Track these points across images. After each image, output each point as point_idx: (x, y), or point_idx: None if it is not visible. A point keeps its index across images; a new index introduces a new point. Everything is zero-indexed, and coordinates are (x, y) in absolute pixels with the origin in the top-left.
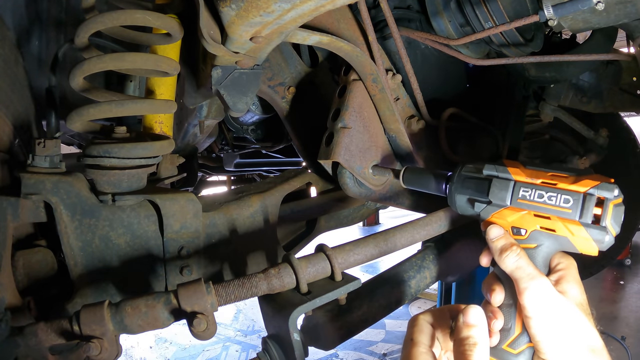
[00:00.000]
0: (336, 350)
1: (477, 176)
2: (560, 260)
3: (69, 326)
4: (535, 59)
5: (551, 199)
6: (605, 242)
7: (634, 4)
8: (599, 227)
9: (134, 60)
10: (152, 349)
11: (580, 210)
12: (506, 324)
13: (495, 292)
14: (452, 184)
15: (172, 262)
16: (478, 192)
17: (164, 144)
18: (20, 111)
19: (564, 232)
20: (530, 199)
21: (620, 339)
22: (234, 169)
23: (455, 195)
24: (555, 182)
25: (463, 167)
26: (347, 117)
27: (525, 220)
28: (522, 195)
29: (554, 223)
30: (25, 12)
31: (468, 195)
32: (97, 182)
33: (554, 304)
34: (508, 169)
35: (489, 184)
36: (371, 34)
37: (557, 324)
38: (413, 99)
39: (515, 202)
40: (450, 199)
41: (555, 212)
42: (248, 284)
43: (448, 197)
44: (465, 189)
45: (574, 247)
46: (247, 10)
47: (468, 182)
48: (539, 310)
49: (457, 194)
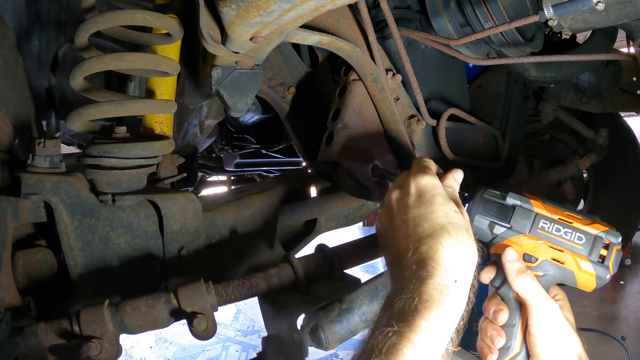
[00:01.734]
0: (336, 350)
1: (500, 202)
2: (557, 292)
3: (69, 326)
4: (535, 59)
5: (567, 234)
6: (604, 280)
7: (634, 4)
8: (603, 266)
9: (134, 60)
10: (152, 349)
11: (590, 249)
12: (507, 342)
13: (502, 312)
14: (473, 204)
15: (172, 262)
16: (500, 217)
17: (164, 144)
18: (20, 111)
19: (572, 265)
20: (549, 231)
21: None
22: (234, 169)
23: (474, 216)
24: (572, 221)
25: (485, 191)
26: (347, 117)
27: (539, 249)
28: (541, 226)
29: (565, 256)
30: (25, 12)
31: (490, 218)
32: (97, 182)
33: (559, 327)
34: (531, 201)
35: (512, 210)
36: (371, 34)
37: (560, 346)
38: (413, 99)
39: (534, 231)
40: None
41: (569, 247)
42: (248, 284)
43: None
44: (487, 211)
45: (575, 281)
46: (247, 10)
47: (491, 206)
48: (545, 331)
49: (478, 214)
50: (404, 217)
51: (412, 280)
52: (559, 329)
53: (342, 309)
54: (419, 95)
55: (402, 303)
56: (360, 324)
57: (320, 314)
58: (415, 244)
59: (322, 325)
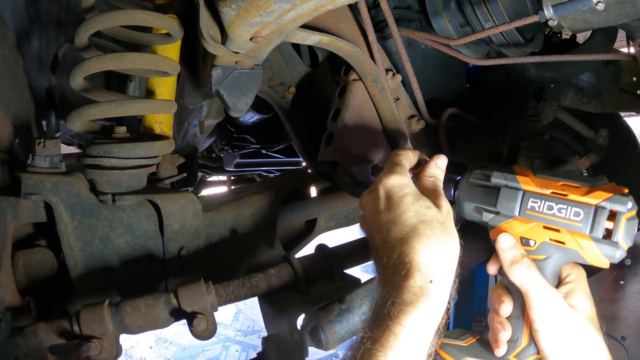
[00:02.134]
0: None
1: (485, 184)
2: (570, 272)
3: (69, 326)
4: (535, 59)
5: (561, 211)
6: (616, 257)
7: (634, 4)
8: (610, 243)
9: (134, 60)
10: (152, 349)
11: (591, 224)
12: (514, 335)
13: (505, 303)
14: (459, 191)
15: (172, 262)
16: (486, 202)
17: (164, 144)
18: (20, 111)
19: (574, 245)
20: (539, 210)
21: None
22: (234, 169)
23: (463, 203)
24: (566, 193)
25: (471, 173)
26: (347, 117)
27: (534, 231)
28: (530, 206)
29: (564, 236)
30: (25, 12)
31: (476, 203)
32: (97, 182)
33: (564, 319)
34: (517, 178)
35: (497, 193)
36: (371, 34)
37: (567, 338)
38: (413, 99)
39: (524, 213)
40: (458, 206)
41: (565, 225)
42: (248, 284)
43: (456, 204)
44: (473, 197)
45: (584, 260)
46: (247, 10)
47: (476, 190)
48: (548, 325)
49: (465, 201)
50: (377, 224)
51: (389, 286)
52: (563, 322)
53: (342, 309)
54: (419, 95)
55: (378, 309)
56: (360, 324)
57: (320, 314)
58: (389, 250)
59: (322, 325)
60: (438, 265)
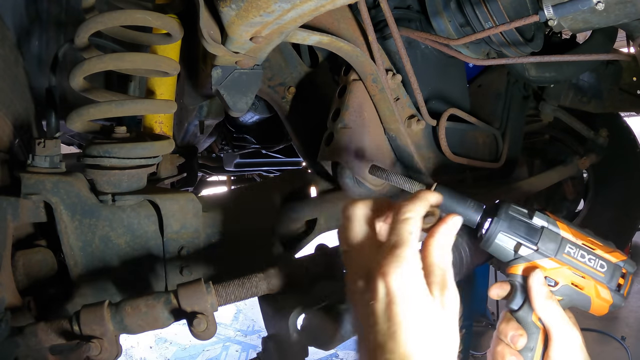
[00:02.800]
0: (336, 350)
1: (527, 221)
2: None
3: (69, 326)
4: (535, 59)
5: (590, 261)
6: (618, 307)
7: (634, 4)
8: (619, 294)
9: (134, 60)
10: (152, 349)
11: (611, 277)
12: None
13: (522, 337)
14: (498, 221)
15: (172, 262)
16: (528, 238)
17: (164, 144)
18: (20, 111)
19: (591, 292)
20: (574, 256)
21: (620, 339)
22: (234, 169)
23: (497, 233)
24: (594, 248)
25: (509, 207)
26: (347, 117)
27: (562, 273)
28: (567, 251)
29: (587, 282)
30: (25, 12)
31: (517, 238)
32: (97, 182)
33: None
34: (557, 223)
35: (540, 232)
36: (371, 34)
37: None
38: (413, 99)
39: (560, 256)
40: (488, 234)
41: (592, 274)
42: (248, 284)
43: (485, 232)
44: (513, 230)
45: (588, 307)
46: (247, 10)
47: (517, 224)
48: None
49: (502, 232)
50: (370, 326)
51: None
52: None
53: (342, 309)
54: (419, 95)
55: None
56: None
57: (320, 314)
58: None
59: (322, 325)
60: None
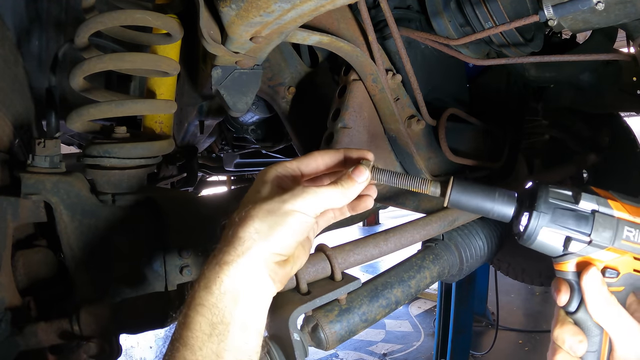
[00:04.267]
0: (336, 350)
1: (574, 208)
2: (632, 299)
3: (69, 326)
4: (535, 59)
5: None
6: None
7: (633, 4)
8: None
9: (134, 60)
10: (152, 349)
11: None
12: None
13: (582, 343)
14: (537, 214)
15: (172, 262)
16: (578, 230)
17: (164, 144)
18: (20, 111)
19: None
20: (634, 240)
21: None
22: (234, 169)
23: (539, 229)
24: None
25: (549, 192)
26: (347, 117)
27: (622, 262)
28: (626, 235)
29: None
30: (25, 12)
31: (564, 231)
32: (97, 182)
33: None
34: (609, 202)
35: (592, 219)
36: (371, 34)
37: None
38: (413, 99)
39: (618, 243)
40: (528, 232)
41: None
42: None
43: (524, 229)
44: (561, 222)
45: None
46: (247, 10)
47: (563, 214)
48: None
49: (547, 226)
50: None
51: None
52: None
53: (342, 309)
54: (419, 95)
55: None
56: (360, 324)
57: (320, 314)
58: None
59: (322, 325)
60: None
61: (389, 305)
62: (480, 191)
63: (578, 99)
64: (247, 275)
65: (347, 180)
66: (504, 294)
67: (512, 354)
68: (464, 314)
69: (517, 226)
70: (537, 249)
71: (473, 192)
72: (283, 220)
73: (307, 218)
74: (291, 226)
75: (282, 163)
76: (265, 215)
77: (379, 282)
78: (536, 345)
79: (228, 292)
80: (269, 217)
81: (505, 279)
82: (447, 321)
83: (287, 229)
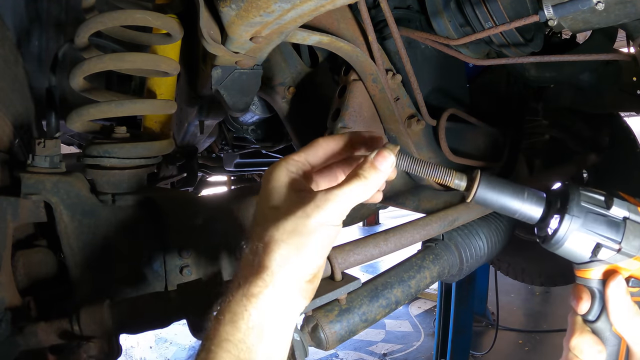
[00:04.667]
0: (336, 350)
1: (606, 214)
2: None
3: (69, 326)
4: (535, 59)
5: None
6: None
7: (633, 4)
8: None
9: (134, 60)
10: (152, 349)
11: None
12: None
13: (602, 353)
14: (569, 217)
15: (172, 262)
16: (609, 237)
17: (164, 144)
18: (20, 111)
19: None
20: None
21: None
22: (234, 169)
23: (570, 232)
24: None
25: (581, 196)
26: (347, 117)
27: None
28: None
29: None
30: (25, 12)
31: (595, 237)
32: (97, 182)
33: None
34: (639, 210)
35: (623, 226)
36: (371, 34)
37: None
38: (413, 99)
39: None
40: (558, 236)
41: None
42: None
43: (554, 232)
44: (590, 228)
45: None
46: (247, 10)
47: (595, 220)
48: None
49: (579, 230)
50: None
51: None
52: None
53: (342, 309)
54: (419, 95)
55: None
56: (360, 324)
57: (320, 314)
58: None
59: (322, 325)
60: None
61: (389, 305)
62: (508, 189)
63: (578, 99)
64: (276, 306)
65: (370, 170)
66: (504, 294)
67: (512, 354)
68: (464, 314)
69: (544, 229)
70: (562, 254)
71: (500, 189)
72: (310, 240)
73: (335, 229)
74: (319, 242)
75: (290, 158)
76: (289, 237)
77: (379, 282)
78: (536, 345)
79: (256, 326)
80: (294, 238)
81: (505, 279)
82: (447, 321)
83: (315, 247)
